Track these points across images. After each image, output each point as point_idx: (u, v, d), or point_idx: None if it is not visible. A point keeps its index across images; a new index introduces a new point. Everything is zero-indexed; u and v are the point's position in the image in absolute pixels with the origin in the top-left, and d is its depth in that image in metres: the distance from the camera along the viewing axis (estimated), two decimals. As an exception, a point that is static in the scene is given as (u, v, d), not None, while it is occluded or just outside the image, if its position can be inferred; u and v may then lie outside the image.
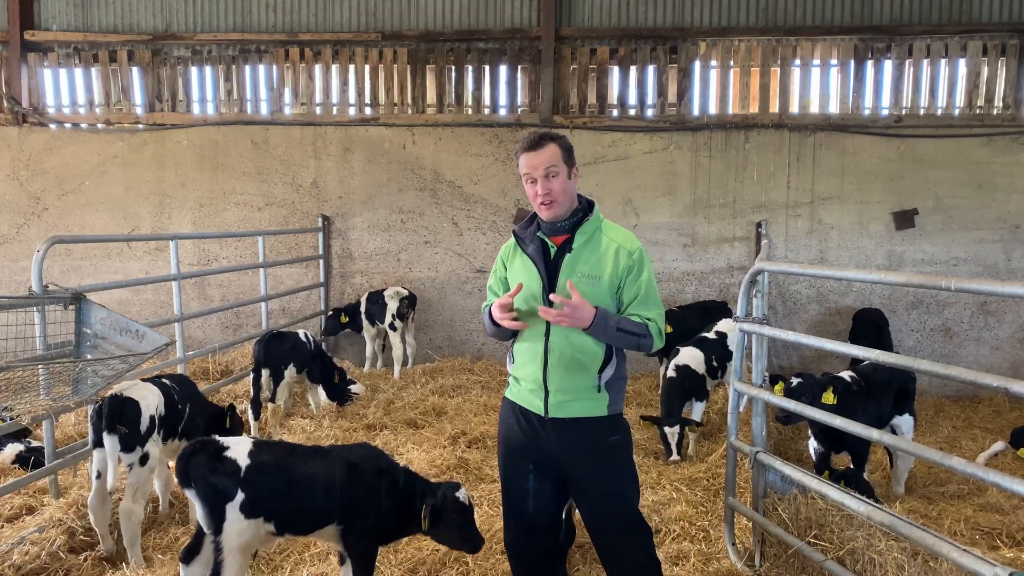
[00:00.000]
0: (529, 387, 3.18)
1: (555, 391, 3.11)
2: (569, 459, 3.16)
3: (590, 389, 3.12)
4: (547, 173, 3.06)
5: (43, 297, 4.64)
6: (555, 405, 3.12)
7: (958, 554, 2.87)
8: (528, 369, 3.18)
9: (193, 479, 3.39)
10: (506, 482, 3.34)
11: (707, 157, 9.47)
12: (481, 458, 6.15)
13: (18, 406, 4.03)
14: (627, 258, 3.13)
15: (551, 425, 3.14)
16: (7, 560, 4.13)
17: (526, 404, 3.21)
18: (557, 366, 3.10)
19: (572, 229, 3.17)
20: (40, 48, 10.30)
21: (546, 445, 3.16)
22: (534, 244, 3.20)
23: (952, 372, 3.04)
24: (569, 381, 3.11)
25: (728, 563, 4.41)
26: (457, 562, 4.27)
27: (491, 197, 9.78)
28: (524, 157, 3.11)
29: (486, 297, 3.44)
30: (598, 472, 3.16)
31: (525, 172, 3.12)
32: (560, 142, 3.12)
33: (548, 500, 3.28)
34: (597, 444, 3.15)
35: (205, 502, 3.37)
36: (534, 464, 3.22)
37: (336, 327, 9.32)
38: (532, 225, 3.27)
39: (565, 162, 3.11)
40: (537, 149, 3.08)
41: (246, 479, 3.39)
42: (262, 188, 10.06)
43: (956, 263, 9.24)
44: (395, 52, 9.91)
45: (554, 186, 3.07)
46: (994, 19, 9.21)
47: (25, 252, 9.96)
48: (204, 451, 3.45)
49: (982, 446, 6.83)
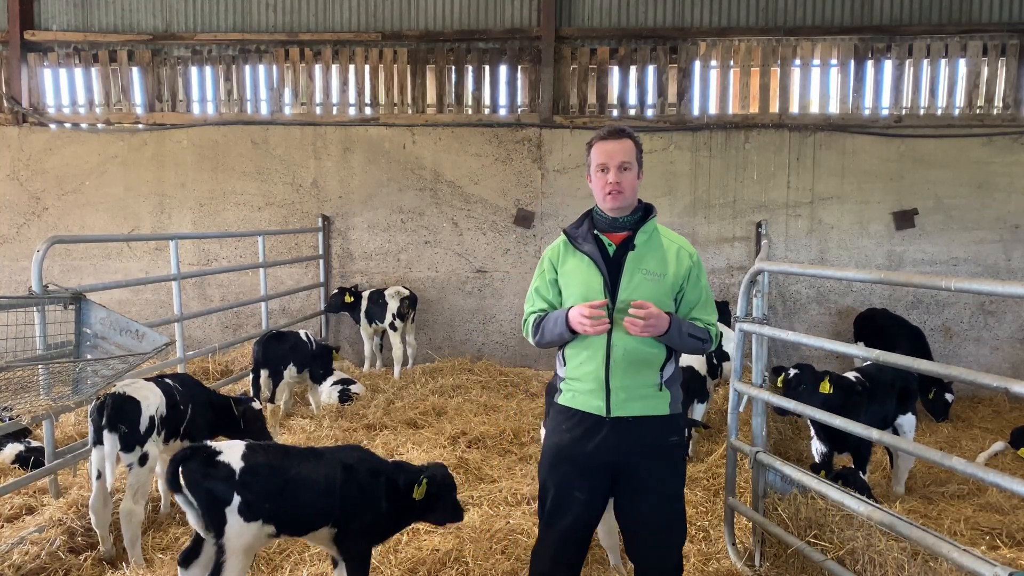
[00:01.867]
0: (588, 387, 3.10)
1: (618, 389, 3.04)
2: (627, 458, 3.08)
3: (653, 387, 3.08)
4: (621, 165, 3.06)
5: (43, 297, 4.63)
6: (618, 404, 3.05)
7: (958, 554, 2.87)
8: (587, 368, 3.09)
9: (188, 485, 3.37)
10: (551, 491, 3.19)
11: (707, 157, 9.47)
12: (481, 458, 6.15)
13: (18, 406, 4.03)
14: (688, 259, 3.15)
15: (611, 425, 3.06)
16: (7, 560, 4.13)
17: (583, 406, 3.11)
18: (621, 363, 3.04)
19: (633, 227, 3.14)
20: (40, 48, 10.30)
21: (602, 448, 3.07)
22: (590, 242, 3.15)
23: (952, 372, 3.05)
24: (632, 379, 3.05)
25: (728, 563, 4.41)
26: (457, 562, 4.27)
27: (491, 197, 9.78)
28: (601, 145, 3.09)
29: (525, 299, 3.36)
30: (657, 471, 3.10)
31: (600, 161, 3.08)
32: (635, 139, 3.13)
33: (592, 513, 3.19)
34: (658, 443, 3.11)
35: (203, 507, 3.36)
36: (586, 474, 3.12)
37: (339, 305, 9.25)
38: (584, 224, 3.22)
39: (637, 160, 3.12)
40: (616, 139, 3.08)
41: (241, 482, 3.39)
42: (262, 188, 10.06)
43: (956, 263, 9.24)
44: (395, 52, 9.91)
45: (625, 179, 3.07)
46: (994, 19, 9.21)
47: (25, 252, 9.96)
48: (196, 457, 3.42)
49: (982, 446, 6.83)
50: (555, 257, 3.25)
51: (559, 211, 9.62)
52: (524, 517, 4.89)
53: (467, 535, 4.54)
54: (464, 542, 4.45)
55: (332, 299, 9.38)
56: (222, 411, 5.16)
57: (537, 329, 3.22)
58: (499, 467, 6.02)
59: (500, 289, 9.84)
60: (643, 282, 3.05)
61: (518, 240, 9.77)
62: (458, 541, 4.46)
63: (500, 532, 4.59)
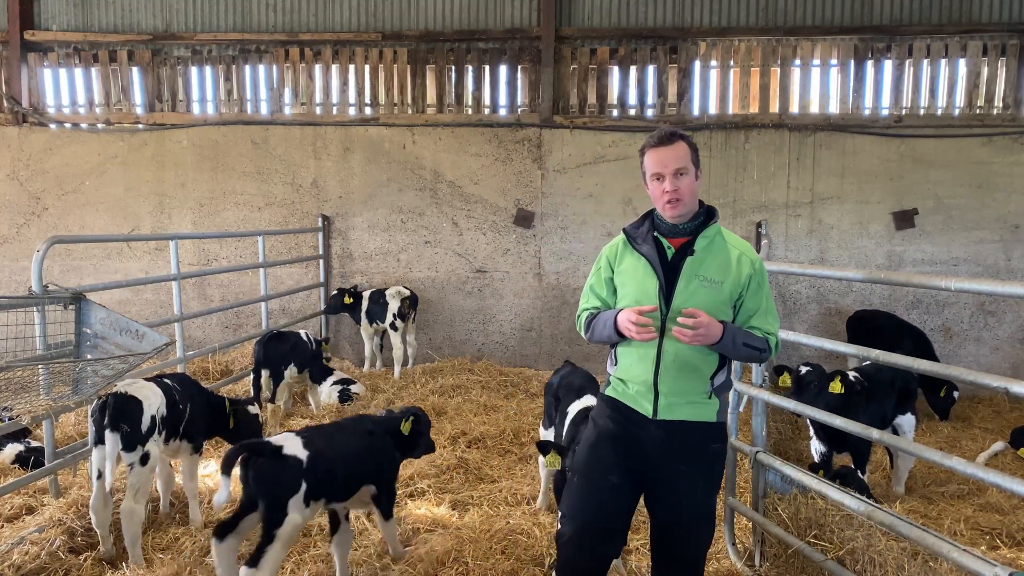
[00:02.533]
0: (636, 389, 3.06)
1: (666, 393, 3.00)
2: (668, 460, 3.03)
3: (702, 394, 3.03)
4: (677, 171, 2.97)
5: (43, 297, 4.64)
6: (665, 407, 3.01)
7: (958, 554, 2.88)
8: (636, 371, 3.06)
9: (256, 481, 3.64)
10: (586, 472, 3.13)
11: (707, 157, 9.46)
12: (481, 458, 6.15)
13: (18, 406, 4.03)
14: (749, 267, 3.05)
15: (656, 426, 3.02)
16: (7, 560, 4.13)
17: (631, 403, 3.08)
18: (671, 369, 2.99)
19: (693, 232, 3.05)
20: (40, 48, 10.30)
21: (645, 442, 3.04)
22: (648, 244, 3.07)
23: (952, 372, 3.05)
24: (682, 385, 3.00)
25: (728, 563, 4.41)
26: (456, 562, 4.27)
27: (491, 197, 9.78)
28: (654, 153, 3.01)
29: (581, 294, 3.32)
30: (694, 476, 3.05)
31: (655, 170, 3.00)
32: (689, 141, 3.03)
33: (626, 501, 3.12)
34: (702, 450, 3.07)
35: (268, 501, 3.62)
36: (623, 460, 3.07)
37: (339, 306, 9.25)
38: (644, 225, 3.14)
39: (693, 162, 3.02)
40: (669, 144, 2.98)
41: (309, 470, 3.73)
42: (262, 188, 10.06)
43: (956, 263, 9.24)
44: (395, 52, 9.91)
45: (682, 184, 2.97)
46: (994, 19, 9.21)
47: (25, 252, 9.97)
48: (262, 454, 3.70)
49: (982, 446, 6.83)
50: (612, 255, 3.19)
51: (559, 211, 9.62)
52: (524, 517, 4.89)
53: (467, 535, 4.54)
54: (464, 542, 4.45)
55: (331, 300, 9.37)
56: (219, 411, 5.17)
57: (588, 326, 3.19)
58: (499, 467, 6.02)
59: (500, 289, 9.84)
60: (699, 289, 2.97)
61: (518, 240, 9.77)
62: (457, 541, 4.46)
63: (500, 532, 4.59)
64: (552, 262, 9.69)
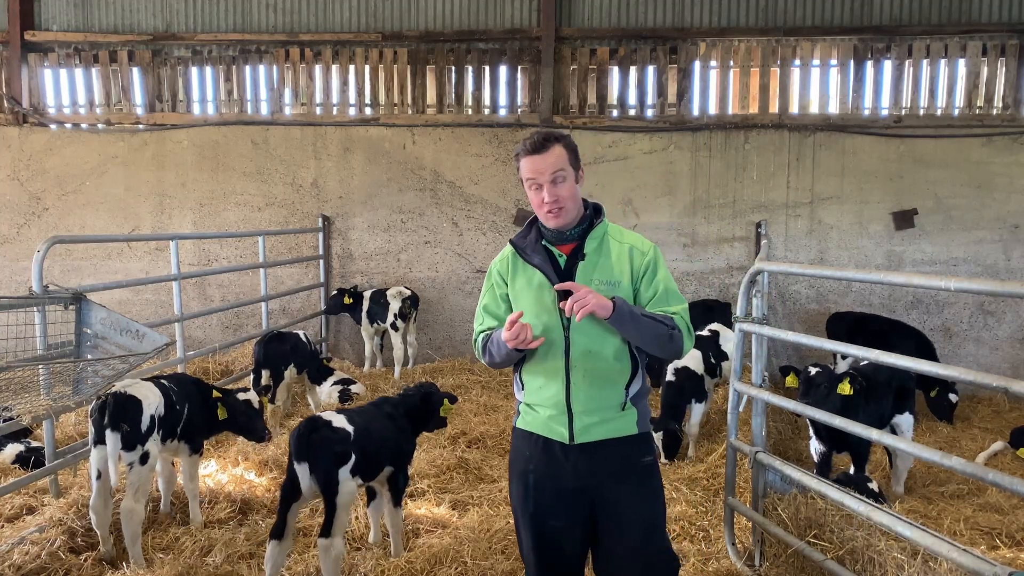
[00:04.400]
0: (548, 412, 2.84)
1: (580, 413, 2.79)
2: (598, 487, 2.81)
3: (617, 407, 2.83)
4: (554, 178, 2.77)
5: (43, 297, 4.64)
6: (581, 429, 2.79)
7: (958, 554, 2.88)
8: (547, 392, 2.84)
9: (314, 450, 3.93)
10: (529, 523, 2.89)
11: (707, 157, 9.47)
12: (481, 458, 6.16)
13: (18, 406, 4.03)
14: (641, 258, 2.89)
15: (577, 452, 2.81)
16: (7, 560, 4.13)
17: (545, 432, 2.86)
18: (582, 384, 2.79)
19: (581, 236, 2.89)
20: (40, 48, 10.30)
21: (571, 475, 2.82)
22: (539, 254, 2.89)
23: (952, 372, 3.05)
24: (596, 399, 2.80)
25: (728, 563, 4.41)
26: (455, 562, 4.27)
27: (491, 197, 9.79)
28: (527, 161, 2.80)
29: (476, 320, 3.07)
30: (631, 497, 2.83)
31: (529, 177, 2.81)
32: (565, 142, 2.82)
33: (574, 542, 2.87)
34: (629, 467, 2.85)
35: (324, 471, 3.91)
36: (558, 499, 2.84)
37: (338, 307, 9.26)
38: (531, 233, 2.96)
39: (571, 164, 2.82)
40: (542, 152, 2.77)
41: (356, 443, 4.03)
42: (262, 188, 10.06)
43: (956, 263, 9.24)
44: (395, 52, 9.91)
45: (561, 192, 2.78)
46: (994, 19, 9.21)
47: (25, 252, 9.96)
48: (321, 427, 4.00)
49: (982, 446, 6.83)
50: (504, 270, 2.97)
51: (559, 211, 9.60)
52: (524, 517, 4.89)
53: (466, 535, 4.54)
54: (463, 542, 4.45)
55: (331, 300, 9.38)
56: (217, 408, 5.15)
57: (485, 350, 2.95)
58: (499, 467, 6.02)
59: (500, 289, 9.83)
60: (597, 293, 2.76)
61: (518, 240, 9.76)
62: (456, 541, 4.46)
63: (500, 532, 4.59)
64: (552, 262, 9.68)
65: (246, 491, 5.37)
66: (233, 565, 4.35)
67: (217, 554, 4.41)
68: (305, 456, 3.94)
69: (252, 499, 5.28)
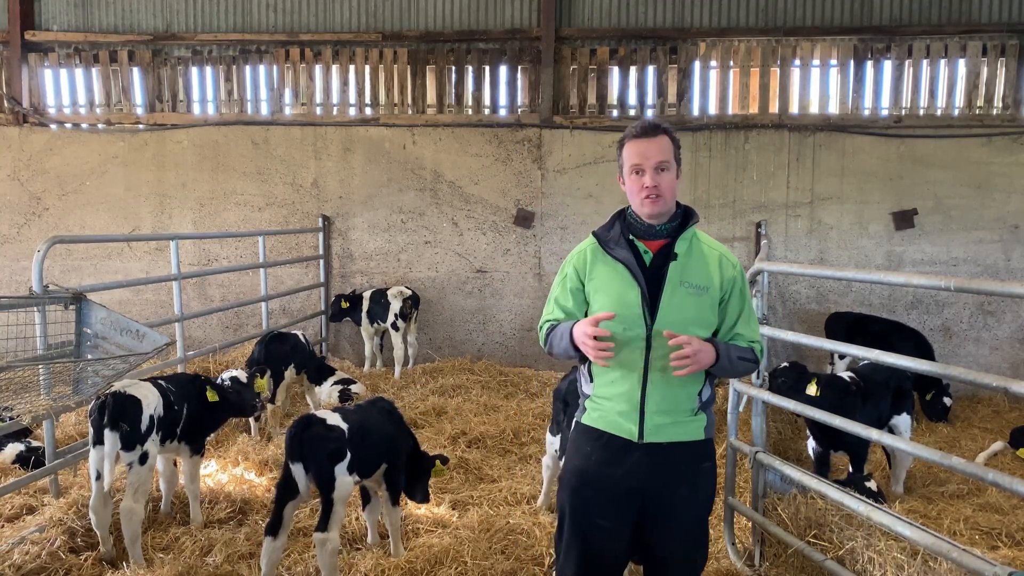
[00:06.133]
0: (618, 408, 2.79)
1: (653, 412, 2.75)
2: (656, 488, 2.79)
3: (689, 411, 2.80)
4: (658, 165, 2.74)
5: (43, 297, 4.64)
6: (652, 429, 2.76)
7: (958, 554, 2.88)
8: (620, 388, 2.78)
9: (308, 448, 3.94)
10: (577, 518, 2.86)
11: (707, 157, 9.47)
12: (481, 458, 6.16)
13: (18, 406, 4.03)
14: (731, 269, 2.84)
15: (644, 451, 2.77)
16: (7, 560, 4.13)
17: (611, 428, 2.81)
18: (660, 383, 2.74)
19: (671, 234, 2.82)
20: (40, 48, 10.31)
21: (632, 475, 2.78)
22: (624, 248, 2.82)
23: (952, 372, 3.05)
24: (670, 401, 2.76)
25: (728, 563, 4.41)
26: (455, 562, 4.27)
27: (491, 197, 9.78)
28: (634, 144, 2.78)
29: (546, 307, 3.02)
30: (689, 500, 2.84)
31: (634, 162, 2.77)
32: (672, 135, 2.82)
33: (617, 543, 2.86)
34: (692, 471, 2.84)
35: (319, 467, 3.94)
36: (611, 500, 2.81)
37: (339, 313, 9.31)
38: (616, 227, 2.89)
39: (675, 158, 2.80)
40: (651, 137, 2.77)
41: (351, 440, 4.06)
42: (262, 188, 10.06)
43: (956, 263, 9.24)
44: (395, 52, 9.91)
45: (663, 180, 2.75)
46: (994, 19, 9.21)
47: (25, 252, 9.96)
48: (315, 425, 4.04)
49: (982, 446, 6.84)
50: (581, 264, 2.90)
51: (559, 211, 9.62)
52: (524, 517, 4.89)
53: (466, 535, 4.55)
54: (463, 542, 4.45)
55: (332, 307, 9.42)
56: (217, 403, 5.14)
57: (547, 339, 2.94)
58: (499, 467, 6.03)
59: (500, 289, 9.84)
60: (686, 297, 2.74)
61: (518, 240, 9.77)
62: (456, 541, 4.46)
63: (500, 532, 4.59)
64: (552, 262, 9.69)
65: (246, 491, 5.37)
66: (233, 565, 4.35)
67: (217, 554, 4.41)
68: (299, 455, 3.96)
69: (252, 499, 5.28)
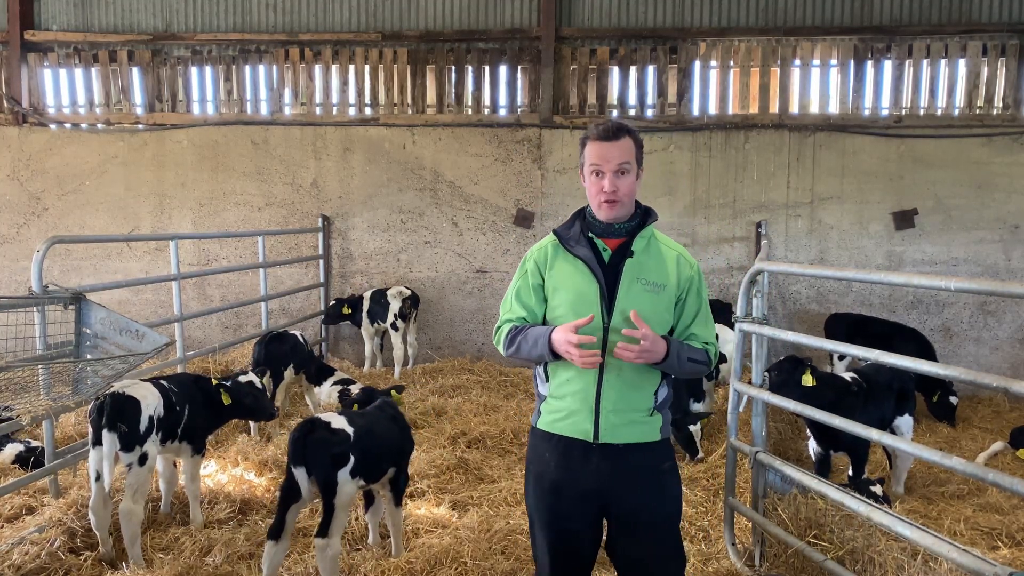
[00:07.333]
0: (574, 408, 2.78)
1: (608, 412, 2.74)
2: (617, 490, 2.79)
3: (645, 411, 2.80)
4: (619, 169, 2.73)
5: (43, 297, 4.63)
6: (607, 429, 2.75)
7: (958, 554, 2.87)
8: (575, 386, 2.78)
9: (311, 452, 3.89)
10: (544, 525, 2.86)
11: (707, 157, 9.47)
12: (481, 458, 6.16)
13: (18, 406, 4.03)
14: (689, 269, 2.86)
15: (599, 453, 2.77)
16: (7, 560, 4.13)
17: (567, 432, 2.80)
18: (615, 383, 2.74)
19: (630, 233, 2.83)
20: (40, 48, 10.30)
21: (591, 477, 2.78)
22: (583, 246, 2.82)
23: (952, 372, 3.05)
24: (625, 401, 2.76)
25: (728, 563, 4.41)
26: (455, 562, 4.27)
27: (491, 197, 9.78)
28: (595, 146, 2.76)
29: (502, 302, 3.01)
30: (650, 502, 2.81)
31: (593, 163, 2.76)
32: (635, 137, 2.80)
33: (591, 543, 2.88)
34: (650, 472, 2.82)
35: (322, 471, 3.88)
36: (575, 503, 2.81)
37: (337, 317, 9.31)
38: (576, 225, 2.89)
39: (637, 159, 2.79)
40: (613, 140, 2.74)
41: (355, 445, 3.99)
42: (262, 188, 10.06)
43: (956, 263, 9.24)
44: (395, 52, 9.91)
45: (622, 184, 2.74)
46: (994, 19, 9.21)
47: (25, 252, 9.96)
48: (318, 429, 3.98)
49: (982, 446, 6.83)
50: (542, 259, 2.90)
51: (559, 211, 9.62)
52: (524, 517, 4.88)
53: (466, 535, 4.54)
54: (463, 542, 4.44)
55: (330, 310, 9.40)
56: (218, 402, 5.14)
57: (512, 342, 2.86)
58: (499, 467, 6.02)
59: (500, 289, 9.83)
60: (642, 293, 2.75)
61: (518, 240, 9.77)
62: (456, 541, 4.46)
63: (500, 532, 4.58)
64: (552, 262, 9.67)
65: (246, 491, 5.36)
66: (233, 565, 4.35)
67: (217, 554, 4.41)
68: (302, 459, 3.90)
69: (252, 499, 5.28)
